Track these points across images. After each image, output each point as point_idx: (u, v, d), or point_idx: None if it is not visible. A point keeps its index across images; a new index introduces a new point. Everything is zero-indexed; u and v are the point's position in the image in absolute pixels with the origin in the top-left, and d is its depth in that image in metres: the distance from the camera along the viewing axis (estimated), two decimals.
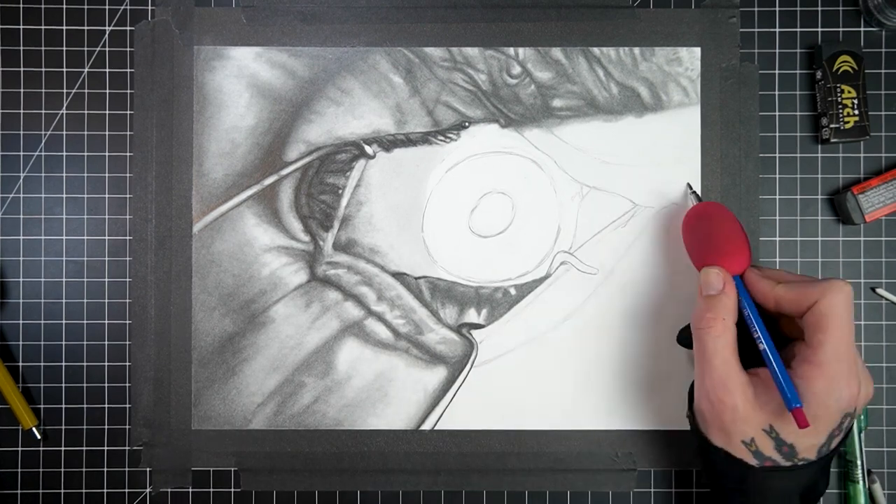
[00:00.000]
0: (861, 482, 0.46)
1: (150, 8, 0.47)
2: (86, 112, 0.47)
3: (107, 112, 0.47)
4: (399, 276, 0.47)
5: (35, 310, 0.47)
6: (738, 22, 0.47)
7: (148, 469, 0.47)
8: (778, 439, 0.36)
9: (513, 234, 0.47)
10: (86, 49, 0.47)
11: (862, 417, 0.46)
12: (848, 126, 0.46)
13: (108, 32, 0.47)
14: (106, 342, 0.47)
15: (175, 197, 0.47)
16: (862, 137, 0.46)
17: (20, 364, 0.47)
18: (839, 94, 0.46)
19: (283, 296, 0.47)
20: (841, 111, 0.46)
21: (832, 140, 0.46)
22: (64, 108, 0.47)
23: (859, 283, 0.47)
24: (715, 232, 0.41)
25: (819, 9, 0.48)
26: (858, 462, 0.46)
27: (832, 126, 0.46)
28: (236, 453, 0.47)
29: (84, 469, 0.47)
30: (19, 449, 0.47)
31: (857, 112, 0.46)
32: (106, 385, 0.47)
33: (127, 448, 0.47)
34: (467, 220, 0.47)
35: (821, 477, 0.38)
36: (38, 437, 0.46)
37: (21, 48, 0.47)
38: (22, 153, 0.47)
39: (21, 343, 0.47)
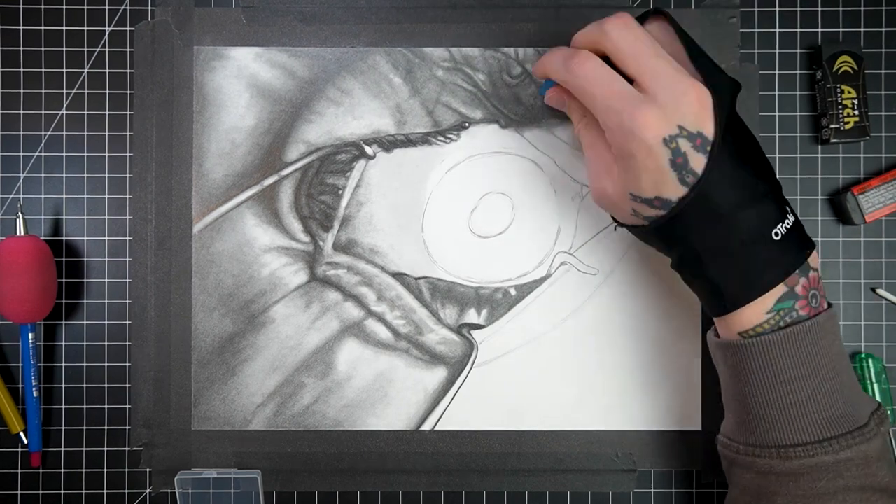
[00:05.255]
0: None
1: (150, 8, 0.47)
2: (86, 113, 0.47)
3: (107, 112, 0.47)
4: (399, 276, 0.47)
5: None
6: (738, 22, 0.47)
7: (148, 470, 0.47)
8: (644, 199, 0.36)
9: (513, 235, 0.47)
10: (85, 50, 0.47)
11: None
12: (848, 126, 0.46)
13: (107, 33, 0.47)
14: (106, 343, 0.47)
15: (175, 197, 0.47)
16: (862, 138, 0.46)
17: (19, 365, 0.47)
18: (839, 95, 0.46)
19: (283, 296, 0.47)
20: (841, 111, 0.46)
21: (832, 140, 0.46)
22: (64, 108, 0.47)
23: (859, 284, 0.47)
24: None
25: (819, 9, 0.48)
26: None
27: (832, 126, 0.46)
28: (236, 454, 0.47)
29: (84, 470, 0.47)
30: (19, 450, 0.47)
31: (857, 112, 0.46)
32: (106, 386, 0.47)
33: (127, 449, 0.47)
34: (467, 221, 0.47)
35: (734, 179, 0.35)
36: (26, 441, 0.46)
37: (21, 48, 0.47)
38: (22, 154, 0.47)
39: (21, 344, 0.47)
